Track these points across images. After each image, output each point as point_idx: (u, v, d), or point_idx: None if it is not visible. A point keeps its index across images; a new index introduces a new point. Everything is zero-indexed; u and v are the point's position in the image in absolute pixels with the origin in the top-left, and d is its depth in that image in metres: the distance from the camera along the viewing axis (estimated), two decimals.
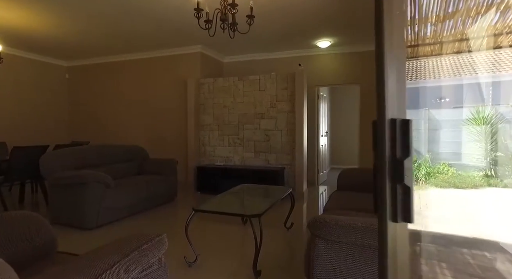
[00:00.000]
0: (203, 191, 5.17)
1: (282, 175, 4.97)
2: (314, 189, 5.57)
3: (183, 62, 5.87)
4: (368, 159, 5.57)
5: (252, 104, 5.29)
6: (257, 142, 5.27)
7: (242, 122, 5.37)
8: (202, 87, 5.65)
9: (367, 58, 5.53)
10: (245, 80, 5.34)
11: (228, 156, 5.47)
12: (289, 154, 5.06)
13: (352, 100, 8.48)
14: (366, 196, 2.69)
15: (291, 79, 5.03)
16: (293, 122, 5.03)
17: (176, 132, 5.94)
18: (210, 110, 5.60)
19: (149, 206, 4.05)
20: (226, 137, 5.48)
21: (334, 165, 8.72)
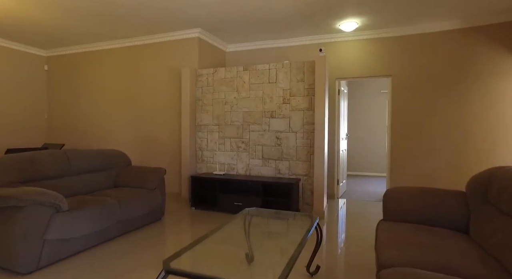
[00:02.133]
0: (199, 206, 4.20)
1: (297, 189, 3.97)
2: (334, 205, 4.55)
3: (177, 49, 4.92)
4: (404, 169, 4.55)
5: (260, 100, 4.32)
6: (266, 146, 4.29)
7: (247, 122, 4.39)
8: (200, 79, 4.68)
9: (403, 44, 4.51)
10: (252, 71, 4.36)
11: (230, 164, 4.50)
12: (305, 161, 4.07)
13: (375, 96, 7.47)
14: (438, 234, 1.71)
15: (310, 68, 4.04)
16: (311, 122, 4.03)
17: (169, 134, 4.99)
18: (209, 107, 4.63)
19: (126, 230, 3.10)
20: (228, 140, 4.51)
21: (350, 172, 7.69)
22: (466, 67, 4.24)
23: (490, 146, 4.13)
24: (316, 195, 3.88)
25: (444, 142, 4.34)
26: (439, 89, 4.36)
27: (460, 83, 4.27)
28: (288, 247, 1.85)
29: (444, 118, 4.34)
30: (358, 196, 5.19)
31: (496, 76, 4.10)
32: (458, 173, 4.28)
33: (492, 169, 1.94)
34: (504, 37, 4.06)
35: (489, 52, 4.12)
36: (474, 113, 4.21)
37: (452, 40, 4.28)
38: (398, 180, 4.57)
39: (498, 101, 4.10)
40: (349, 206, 4.48)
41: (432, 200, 2.06)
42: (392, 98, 4.61)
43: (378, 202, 4.73)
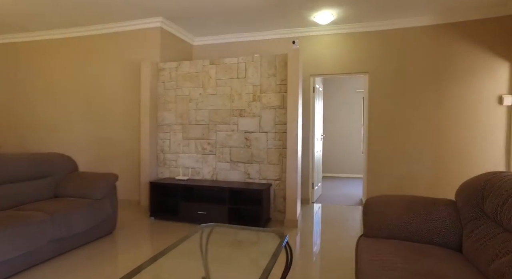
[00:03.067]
0: (159, 216, 3.73)
1: (268, 195, 3.60)
2: (309, 211, 4.23)
3: (137, 40, 4.41)
4: (382, 171, 4.31)
5: (228, 97, 3.91)
6: (234, 148, 3.89)
7: (214, 121, 3.97)
8: (162, 73, 4.21)
9: (380, 40, 4.28)
10: (219, 65, 3.95)
11: (195, 168, 4.06)
12: (277, 164, 3.71)
13: (350, 95, 7.28)
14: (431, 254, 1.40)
15: (282, 62, 3.69)
16: (283, 121, 3.68)
17: (128, 134, 4.46)
18: (171, 105, 4.17)
19: (63, 249, 2.58)
20: (193, 142, 4.07)
21: (325, 173, 7.47)
22: (443, 64, 4.06)
23: (469, 146, 3.98)
24: (289, 201, 3.53)
25: (423, 142, 4.15)
26: (417, 87, 4.16)
27: (438, 81, 4.09)
28: (251, 275, 1.47)
29: (423, 117, 4.14)
30: (334, 200, 4.91)
31: (473, 74, 3.95)
32: (438, 173, 4.09)
33: (485, 175, 1.66)
34: (479, 35, 3.91)
35: (465, 50, 3.97)
36: (453, 112, 4.04)
37: (429, 37, 4.10)
38: (376, 182, 4.33)
39: (476, 100, 3.95)
40: (324, 212, 4.17)
41: (419, 211, 1.75)
42: (369, 96, 4.37)
43: (355, 207, 4.47)
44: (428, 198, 1.85)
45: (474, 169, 3.96)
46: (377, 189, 4.33)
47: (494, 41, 3.87)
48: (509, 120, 3.82)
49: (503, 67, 3.84)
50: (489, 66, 3.90)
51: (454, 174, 4.04)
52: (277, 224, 3.56)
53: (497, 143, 3.88)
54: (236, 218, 3.53)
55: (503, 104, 3.82)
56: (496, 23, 3.86)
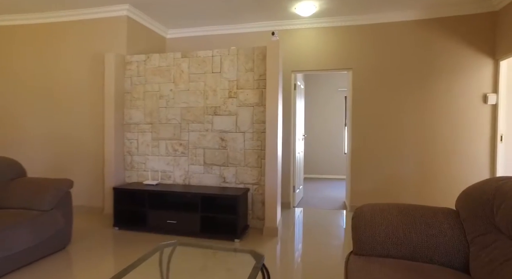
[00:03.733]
0: (124, 226, 3.33)
1: (245, 201, 3.29)
2: (290, 217, 3.96)
3: (102, 30, 3.98)
4: (366, 172, 4.10)
5: (202, 94, 3.57)
6: (209, 149, 3.55)
7: (186, 120, 3.62)
8: (129, 67, 3.80)
9: (364, 34, 4.07)
10: (192, 58, 3.60)
11: (165, 171, 3.69)
12: (255, 167, 3.41)
13: (332, 94, 7.09)
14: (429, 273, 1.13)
15: (260, 56, 3.39)
16: (262, 120, 3.38)
17: (92, 134, 4.02)
18: (140, 102, 3.77)
19: (2, 272, 2.16)
20: (163, 143, 3.69)
21: (307, 175, 7.25)
22: (428, 61, 3.90)
23: (454, 146, 3.83)
24: (268, 207, 3.23)
25: (408, 141, 3.97)
26: (402, 85, 3.98)
27: (423, 78, 3.92)
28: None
29: (407, 116, 3.97)
30: (317, 203, 4.67)
31: (458, 72, 3.81)
32: (424, 174, 3.93)
33: (492, 181, 1.42)
34: (463, 31, 3.78)
35: (450, 47, 3.82)
36: (438, 111, 3.88)
37: (414, 32, 3.93)
38: (360, 184, 4.12)
39: (461, 99, 3.81)
40: (306, 218, 3.91)
41: (417, 224, 1.49)
42: (353, 93, 4.15)
43: (338, 211, 4.24)
44: (425, 207, 1.60)
45: (459, 169, 3.82)
46: (361, 191, 4.12)
47: (477, 38, 3.74)
48: (494, 119, 3.70)
49: (487, 65, 3.72)
50: (473, 64, 3.76)
51: (440, 174, 3.88)
52: (255, 233, 3.26)
53: (482, 142, 3.75)
54: (210, 228, 3.20)
55: (488, 103, 3.70)
56: (479, 20, 3.73)
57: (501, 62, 3.61)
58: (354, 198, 4.15)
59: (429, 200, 3.91)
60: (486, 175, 3.73)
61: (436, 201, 3.89)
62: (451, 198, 3.85)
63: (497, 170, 3.63)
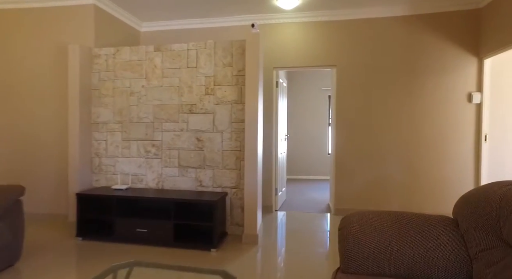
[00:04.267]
0: (89, 236, 3.01)
1: (223, 207, 3.05)
2: (272, 222, 3.75)
3: (66, 19, 3.63)
4: (351, 173, 3.94)
5: (177, 90, 3.31)
6: (184, 151, 3.29)
7: (160, 118, 3.34)
8: (97, 61, 3.48)
9: (349, 30, 3.92)
10: (166, 52, 3.33)
11: (137, 174, 3.39)
12: (234, 169, 3.17)
13: (316, 93, 6.95)
14: None
15: (239, 49, 3.16)
16: (241, 118, 3.16)
17: (56, 134, 3.66)
18: (108, 99, 3.46)
19: None
20: (135, 143, 3.40)
21: (290, 176, 7.08)
22: (414, 59, 3.79)
23: (439, 146, 3.74)
24: (248, 213, 3.00)
25: (394, 141, 3.85)
26: (387, 83, 3.86)
27: (409, 76, 3.81)
28: None
29: (393, 115, 3.84)
30: (300, 206, 4.48)
31: (443, 70, 3.72)
32: (411, 174, 3.81)
33: (495, 186, 1.25)
34: (449, 28, 3.69)
35: (436, 44, 3.73)
36: (423, 110, 3.78)
37: (400, 28, 3.81)
38: (344, 185, 3.96)
39: (446, 97, 3.72)
40: (289, 223, 3.71)
41: (412, 236, 1.31)
42: (337, 91, 3.99)
43: (322, 214, 4.07)
44: (420, 215, 1.42)
45: (445, 170, 3.73)
46: (345, 193, 3.96)
47: (462, 35, 3.67)
48: (478, 119, 3.63)
49: (471, 63, 3.65)
50: (458, 62, 3.68)
51: (425, 175, 3.78)
52: (234, 240, 3.02)
53: (467, 142, 3.68)
54: (184, 236, 2.94)
55: (472, 102, 3.62)
56: (463, 17, 3.65)
57: (485, 60, 3.54)
58: (338, 201, 3.99)
59: (414, 201, 3.80)
60: (471, 176, 3.66)
61: (421, 202, 3.79)
62: (436, 199, 3.75)
63: (481, 171, 3.56)
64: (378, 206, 3.88)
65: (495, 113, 3.55)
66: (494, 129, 3.55)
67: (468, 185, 3.67)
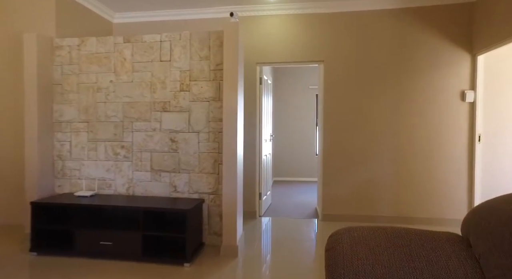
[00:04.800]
0: (45, 250, 2.65)
1: (199, 215, 2.76)
2: (255, 230, 3.47)
3: (21, 5, 3.26)
4: (340, 175, 3.71)
5: (149, 86, 2.99)
6: (157, 153, 2.97)
7: (130, 117, 3.02)
8: (59, 53, 3.13)
9: (337, 23, 3.68)
10: (137, 43, 3.01)
11: (105, 179, 3.05)
12: (212, 173, 2.88)
13: (302, 90, 6.72)
14: None
15: (218, 41, 2.87)
16: (219, 117, 2.87)
17: (9, 135, 3.28)
18: (73, 96, 3.11)
19: None
20: (102, 145, 3.06)
21: (276, 178, 6.83)
22: (405, 55, 3.59)
23: (432, 146, 3.55)
24: (227, 222, 2.71)
25: (385, 142, 3.63)
26: (377, 80, 3.64)
27: (400, 73, 3.60)
28: None
29: (384, 114, 3.63)
30: (286, 211, 4.22)
31: (436, 67, 3.53)
32: (402, 177, 3.60)
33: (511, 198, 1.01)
34: (441, 23, 3.50)
35: (428, 39, 3.54)
36: (415, 109, 3.58)
37: (390, 22, 3.60)
38: (333, 189, 3.72)
39: (439, 96, 3.53)
40: (274, 231, 3.44)
41: (416, 260, 1.05)
42: (324, 89, 3.75)
43: (310, 220, 3.82)
44: (423, 233, 1.17)
45: (437, 172, 3.53)
46: (333, 197, 3.72)
47: (454, 30, 3.48)
48: (472, 118, 3.45)
49: (464, 60, 3.47)
50: (451, 59, 3.50)
51: (417, 178, 3.58)
52: (212, 252, 2.73)
53: (460, 143, 3.49)
54: (154, 249, 2.62)
55: (466, 101, 3.44)
56: (456, 11, 3.47)
57: (478, 56, 3.37)
58: (326, 206, 3.75)
59: (406, 205, 3.60)
60: (464, 178, 3.47)
61: (413, 206, 3.58)
62: (429, 203, 3.55)
63: (475, 173, 3.38)
64: (368, 211, 3.65)
65: (489, 112, 3.38)
66: (488, 129, 3.38)
67: (461, 188, 3.48)
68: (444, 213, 3.52)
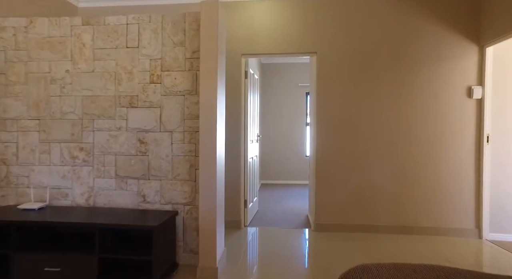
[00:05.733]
0: None
1: (171, 231, 2.31)
2: (240, 243, 3.03)
3: None
4: (334, 178, 3.32)
5: (113, 77, 2.52)
6: (122, 156, 2.50)
7: (90, 114, 2.54)
8: (1, 35, 2.61)
9: (331, 11, 3.30)
10: (99, 26, 2.53)
11: (60, 187, 2.56)
12: (188, 180, 2.44)
13: (291, 88, 6.33)
14: None
15: (195, 25, 2.43)
16: (196, 114, 2.43)
17: None
18: (19, 88, 2.60)
19: None
20: (57, 147, 2.57)
21: (264, 180, 6.42)
22: (406, 47, 3.24)
23: (437, 147, 3.20)
24: (204, 239, 2.27)
25: (384, 144, 3.27)
26: (376, 74, 3.27)
27: (400, 67, 3.25)
28: None
29: (383, 113, 3.27)
30: (275, 219, 3.81)
31: (440, 60, 3.19)
32: (403, 182, 3.25)
33: None
34: (446, 10, 3.17)
35: (430, 29, 3.20)
36: (418, 106, 3.23)
37: (389, 10, 3.24)
38: (326, 195, 3.34)
39: (443, 92, 3.19)
40: (262, 245, 3.01)
41: None
42: (317, 85, 3.35)
43: (301, 230, 3.41)
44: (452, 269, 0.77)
45: (441, 177, 3.19)
46: (327, 204, 3.34)
47: (461, 19, 3.15)
48: (479, 116, 3.13)
49: (471, 52, 3.14)
50: (456, 50, 3.17)
51: (419, 183, 3.23)
52: (187, 275, 2.28)
53: (466, 144, 3.16)
54: (114, 275, 2.15)
55: (473, 97, 3.11)
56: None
57: (486, 48, 3.05)
58: (319, 214, 3.35)
59: (408, 213, 3.24)
60: (471, 183, 3.14)
61: (416, 214, 3.23)
62: (432, 211, 3.21)
63: (483, 177, 3.05)
64: (365, 220, 3.28)
65: (499, 110, 3.06)
66: (497, 128, 3.06)
67: (468, 194, 3.15)
68: (449, 222, 3.19)
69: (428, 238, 3.10)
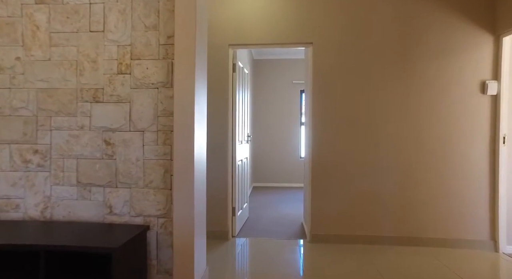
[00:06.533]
0: None
1: (141, 249, 1.92)
2: (227, 258, 2.66)
3: None
4: (330, 181, 2.97)
5: (73, 66, 2.12)
6: (85, 160, 2.11)
7: (46, 109, 2.14)
8: None
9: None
10: (56, 5, 2.14)
11: (9, 197, 2.16)
12: (162, 188, 2.06)
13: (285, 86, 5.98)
14: None
15: (169, 5, 2.05)
16: (172, 110, 2.05)
17: None
18: None
19: None
20: (6, 149, 2.16)
21: (255, 183, 6.06)
22: (413, 36, 2.91)
23: (448, 150, 2.88)
24: (180, 256, 1.90)
25: (387, 145, 2.93)
26: (380, 67, 2.94)
27: (406, 60, 2.92)
28: None
29: (388, 110, 2.93)
30: (266, 227, 3.45)
31: (450, 51, 2.86)
32: (410, 187, 2.91)
33: None
34: None
35: (439, 17, 2.87)
36: (427, 103, 2.91)
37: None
38: (324, 202, 2.99)
39: (453, 86, 2.87)
40: (252, 259, 2.65)
41: None
42: (314, 78, 3.00)
43: (295, 241, 3.06)
44: None
45: (451, 181, 2.86)
46: (324, 212, 2.99)
47: (474, 5, 2.83)
48: (494, 115, 2.81)
49: (486, 42, 2.82)
50: (469, 40, 2.85)
51: (427, 187, 2.90)
52: None
53: (479, 145, 2.84)
54: None
55: (487, 93, 2.79)
56: None
57: (503, 38, 2.73)
58: (315, 223, 3.00)
59: (414, 223, 2.90)
60: (486, 190, 2.82)
61: (423, 224, 2.90)
62: (442, 221, 2.88)
63: (499, 183, 2.73)
64: (367, 230, 2.94)
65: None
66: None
67: (482, 202, 2.83)
68: (460, 233, 2.86)
69: (437, 251, 2.77)
